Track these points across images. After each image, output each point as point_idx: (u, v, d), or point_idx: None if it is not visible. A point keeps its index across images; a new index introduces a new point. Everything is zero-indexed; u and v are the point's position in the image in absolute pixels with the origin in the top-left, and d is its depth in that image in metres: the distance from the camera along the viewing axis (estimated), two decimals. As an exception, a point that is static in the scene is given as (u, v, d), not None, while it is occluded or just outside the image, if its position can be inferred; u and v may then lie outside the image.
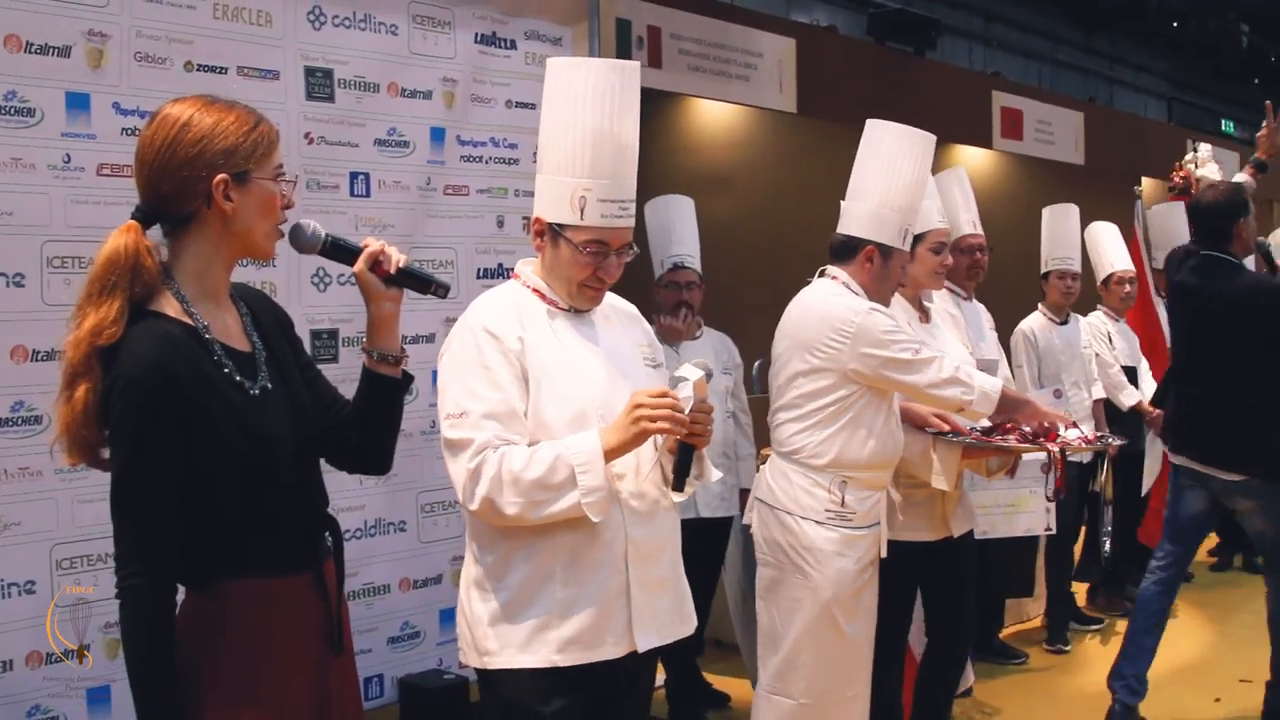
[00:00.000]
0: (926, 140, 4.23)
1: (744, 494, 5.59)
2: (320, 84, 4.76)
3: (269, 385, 2.52)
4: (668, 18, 7.70)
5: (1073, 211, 7.07)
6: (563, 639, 2.96)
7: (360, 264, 2.62)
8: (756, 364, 6.78)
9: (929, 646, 4.83)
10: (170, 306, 2.43)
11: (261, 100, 4.53)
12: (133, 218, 2.45)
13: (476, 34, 5.37)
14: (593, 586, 2.97)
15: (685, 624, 3.20)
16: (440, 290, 2.70)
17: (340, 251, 2.66)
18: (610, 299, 3.22)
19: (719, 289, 6.25)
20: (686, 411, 2.89)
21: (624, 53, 7.40)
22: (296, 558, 2.55)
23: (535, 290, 3.10)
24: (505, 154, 5.53)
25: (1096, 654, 6.86)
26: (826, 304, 4.18)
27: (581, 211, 3.00)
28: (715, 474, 3.20)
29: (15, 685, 3.85)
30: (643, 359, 3.22)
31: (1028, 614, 7.45)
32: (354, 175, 4.85)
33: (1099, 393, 7.10)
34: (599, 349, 3.09)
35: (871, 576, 4.22)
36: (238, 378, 2.45)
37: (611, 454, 2.90)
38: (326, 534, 2.68)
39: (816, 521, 4.12)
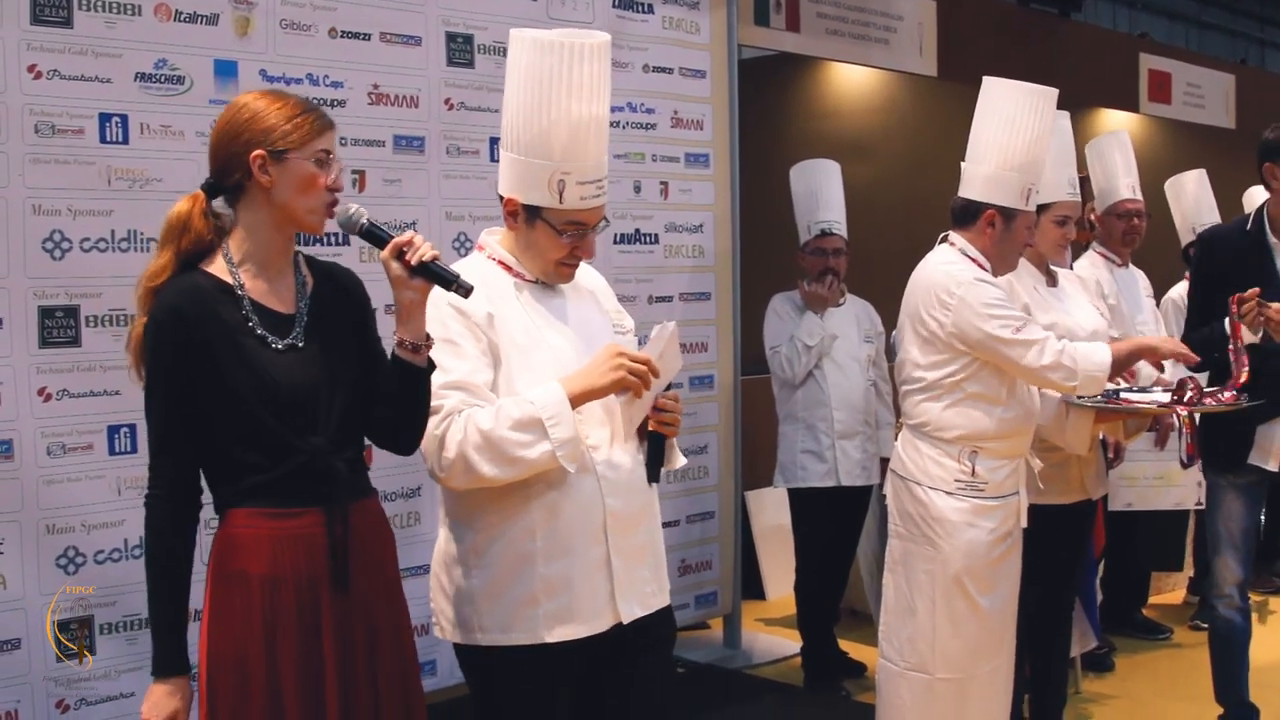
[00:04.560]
0: (1047, 95, 4.08)
1: (884, 463, 5.54)
2: (461, 49, 4.79)
3: (299, 345, 2.77)
4: (806, -20, 7.62)
5: (1204, 176, 6.87)
6: (548, 614, 2.94)
7: (386, 252, 2.73)
8: (895, 333, 6.72)
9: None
10: (216, 265, 2.76)
11: (403, 66, 4.62)
12: (200, 188, 2.79)
13: (615, -2, 5.37)
14: (574, 559, 2.96)
15: (664, 592, 3.17)
16: (461, 290, 2.74)
17: (374, 237, 2.79)
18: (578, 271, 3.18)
19: (858, 256, 6.18)
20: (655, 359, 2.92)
21: (762, 17, 7.35)
22: (300, 495, 2.73)
23: (501, 262, 3.08)
24: (642, 119, 5.53)
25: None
26: (934, 274, 4.10)
27: (561, 195, 2.97)
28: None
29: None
30: (613, 328, 3.19)
31: (1169, 587, 7.30)
32: (494, 140, 4.87)
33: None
34: (569, 321, 3.08)
35: (1010, 547, 4.13)
36: (260, 331, 2.73)
37: (579, 398, 2.89)
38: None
39: (946, 492, 4.06)
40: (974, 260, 4.10)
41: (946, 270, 4.07)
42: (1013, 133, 4.03)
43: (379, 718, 2.80)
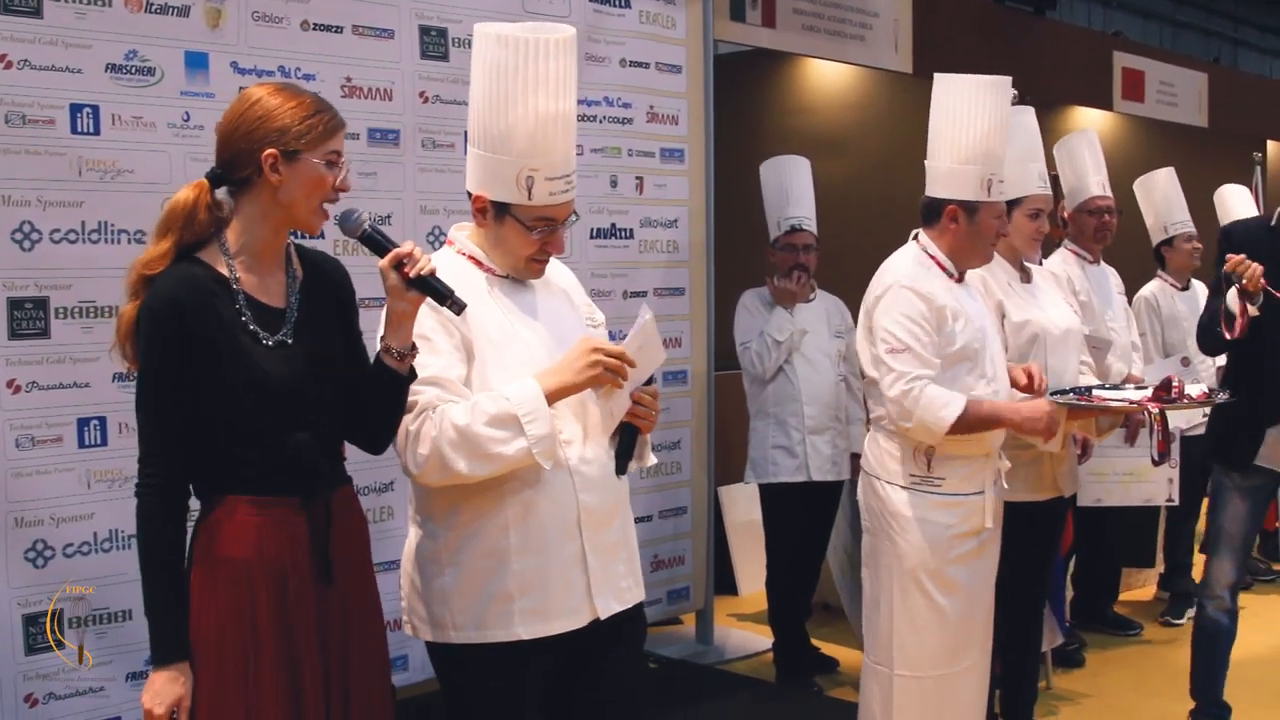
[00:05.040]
0: (998, 85, 4.08)
1: (855, 458, 5.55)
2: (435, 43, 4.77)
3: (289, 340, 2.77)
4: (782, -25, 7.62)
5: (1173, 175, 6.93)
6: (523, 611, 2.93)
7: (386, 261, 2.73)
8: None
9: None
10: (213, 257, 2.75)
11: (376, 59, 4.59)
12: (205, 176, 2.77)
13: (591, -8, 5.35)
14: (548, 556, 2.94)
15: (639, 587, 3.16)
16: (455, 307, 2.76)
17: (374, 243, 2.78)
18: (548, 267, 3.16)
19: (831, 252, 6.19)
20: (632, 349, 2.91)
21: (738, 13, 7.35)
22: (286, 488, 2.75)
23: (471, 258, 3.06)
24: (619, 113, 5.52)
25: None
26: (883, 269, 4.14)
27: (529, 192, 2.95)
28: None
29: (135, 634, 3.92)
30: (585, 322, 3.18)
31: (1140, 583, 7.34)
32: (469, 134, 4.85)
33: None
34: (540, 317, 3.06)
35: (977, 549, 4.09)
36: (252, 326, 2.73)
37: (556, 395, 2.88)
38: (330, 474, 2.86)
39: (901, 486, 4.05)
40: (935, 259, 4.10)
41: (891, 266, 4.11)
42: (963, 125, 4.04)
43: (349, 704, 2.80)
